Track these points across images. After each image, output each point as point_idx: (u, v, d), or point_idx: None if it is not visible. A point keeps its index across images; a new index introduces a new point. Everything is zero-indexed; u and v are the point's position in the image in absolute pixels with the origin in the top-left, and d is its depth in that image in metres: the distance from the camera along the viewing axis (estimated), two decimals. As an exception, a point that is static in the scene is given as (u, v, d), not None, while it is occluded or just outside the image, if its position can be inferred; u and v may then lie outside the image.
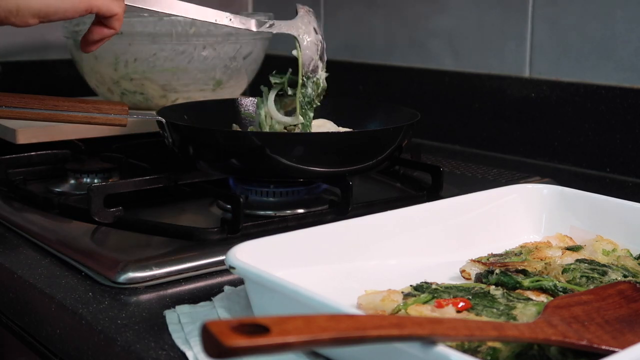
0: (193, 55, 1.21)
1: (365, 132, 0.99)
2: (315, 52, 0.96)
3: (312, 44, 0.96)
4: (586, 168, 1.21)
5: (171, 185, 0.91)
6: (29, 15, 0.77)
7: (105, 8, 0.81)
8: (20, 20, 0.77)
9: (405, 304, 0.61)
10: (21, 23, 0.78)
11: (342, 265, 0.69)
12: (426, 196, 0.97)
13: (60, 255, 0.79)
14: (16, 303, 0.76)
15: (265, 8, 1.72)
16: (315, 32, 0.97)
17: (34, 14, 0.77)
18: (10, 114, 0.86)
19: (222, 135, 0.91)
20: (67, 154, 1.10)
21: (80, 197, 0.92)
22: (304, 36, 0.96)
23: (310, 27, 0.96)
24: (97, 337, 0.63)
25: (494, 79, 1.32)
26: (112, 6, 0.81)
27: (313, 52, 0.95)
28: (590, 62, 1.20)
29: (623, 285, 0.62)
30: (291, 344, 0.41)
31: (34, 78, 1.51)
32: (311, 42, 0.96)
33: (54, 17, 0.79)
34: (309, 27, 0.96)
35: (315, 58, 0.95)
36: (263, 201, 0.93)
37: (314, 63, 0.95)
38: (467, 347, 0.53)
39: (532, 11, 1.26)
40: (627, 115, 1.15)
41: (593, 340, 0.52)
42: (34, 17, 0.78)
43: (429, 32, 1.42)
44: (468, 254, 0.73)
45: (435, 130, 1.42)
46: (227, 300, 0.67)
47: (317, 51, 0.96)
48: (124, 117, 0.90)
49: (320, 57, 0.97)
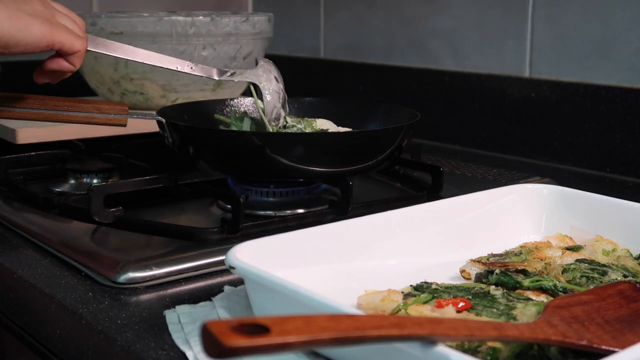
0: (193, 55, 1.21)
1: (365, 132, 0.99)
2: (277, 99, 0.96)
3: (275, 92, 0.96)
4: (586, 168, 1.21)
5: (171, 185, 0.91)
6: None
7: (69, 45, 0.79)
8: None
9: (405, 304, 0.61)
10: None
11: (342, 265, 0.70)
12: (426, 196, 0.97)
13: (60, 255, 0.79)
14: (16, 303, 0.76)
15: (265, 8, 1.72)
16: (277, 80, 0.97)
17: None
18: (10, 114, 0.86)
19: (222, 135, 0.91)
20: (67, 154, 1.10)
21: (80, 197, 0.92)
22: (265, 83, 0.96)
23: (271, 76, 0.97)
24: (97, 337, 0.63)
25: (494, 79, 1.32)
26: (75, 43, 0.79)
27: (275, 99, 0.96)
28: (590, 62, 1.20)
29: (623, 285, 0.62)
30: (291, 344, 0.41)
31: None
32: (273, 90, 0.96)
33: (14, 49, 0.76)
34: (269, 76, 0.97)
35: (277, 106, 0.96)
36: (263, 201, 0.93)
37: (277, 111, 0.96)
38: (467, 347, 0.53)
39: (532, 11, 1.26)
40: (627, 115, 1.15)
41: (593, 340, 0.52)
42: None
43: (429, 32, 1.42)
44: (468, 254, 0.73)
45: (435, 130, 1.42)
46: (227, 300, 0.67)
47: (279, 99, 0.96)
48: (124, 117, 0.90)
49: (283, 105, 0.97)
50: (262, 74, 0.96)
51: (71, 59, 0.80)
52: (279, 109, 0.95)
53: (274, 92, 0.96)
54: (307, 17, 1.65)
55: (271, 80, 0.96)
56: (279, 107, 0.95)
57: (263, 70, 0.97)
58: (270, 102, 0.95)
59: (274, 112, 0.95)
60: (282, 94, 0.97)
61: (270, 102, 0.95)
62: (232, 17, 1.23)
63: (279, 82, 0.97)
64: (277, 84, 0.97)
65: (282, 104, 0.97)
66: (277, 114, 0.95)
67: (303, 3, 1.66)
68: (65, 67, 0.81)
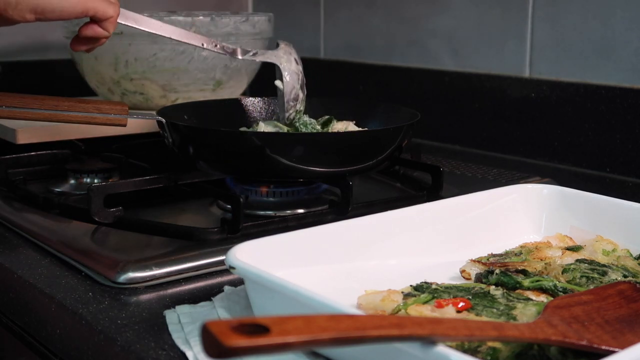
0: (193, 55, 1.21)
1: (365, 132, 0.99)
2: (297, 81, 0.99)
3: (294, 73, 0.99)
4: (586, 168, 1.21)
5: (171, 185, 0.91)
6: (27, 9, 0.78)
7: (102, 11, 0.82)
8: (17, 13, 0.77)
9: (405, 304, 0.61)
10: (18, 17, 0.78)
11: (342, 265, 0.69)
12: (426, 196, 0.97)
13: (60, 255, 0.79)
14: (16, 303, 0.76)
15: (265, 8, 1.72)
16: (296, 62, 1.00)
17: (32, 8, 0.78)
18: (10, 114, 0.86)
19: (222, 135, 0.91)
20: (67, 154, 1.10)
21: (80, 197, 0.92)
22: (285, 64, 0.99)
23: (291, 57, 1.00)
24: (97, 337, 0.63)
25: (494, 79, 1.32)
26: (107, 9, 0.83)
27: (294, 80, 0.99)
28: (590, 62, 1.20)
29: (623, 285, 0.62)
30: (291, 344, 0.41)
31: (34, 78, 1.51)
32: (292, 71, 0.99)
33: (50, 15, 0.79)
34: (290, 57, 1.00)
35: (296, 87, 0.99)
36: (263, 201, 0.93)
37: (295, 92, 0.98)
38: (467, 347, 0.53)
39: (532, 11, 1.26)
40: (627, 115, 1.15)
41: (593, 340, 0.52)
42: (32, 12, 0.78)
43: (429, 32, 1.42)
44: (468, 254, 0.73)
45: (435, 130, 1.42)
46: (227, 300, 0.67)
47: (298, 80, 0.99)
48: (124, 117, 0.90)
49: (301, 86, 1.00)
50: (282, 55, 0.99)
51: (105, 24, 0.84)
52: (297, 90, 0.98)
53: (294, 73, 0.99)
54: (307, 17, 1.65)
55: (291, 62, 0.99)
56: (297, 88, 0.98)
57: (284, 52, 1.00)
58: (289, 82, 0.98)
59: (293, 93, 0.98)
60: (301, 75, 1.00)
61: (289, 83, 0.98)
62: (232, 17, 1.23)
63: (298, 64, 1.00)
64: (297, 66, 1.00)
65: (301, 85, 0.99)
66: (296, 95, 0.98)
67: (303, 3, 1.66)
68: (100, 33, 0.84)
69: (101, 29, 0.84)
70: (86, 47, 0.87)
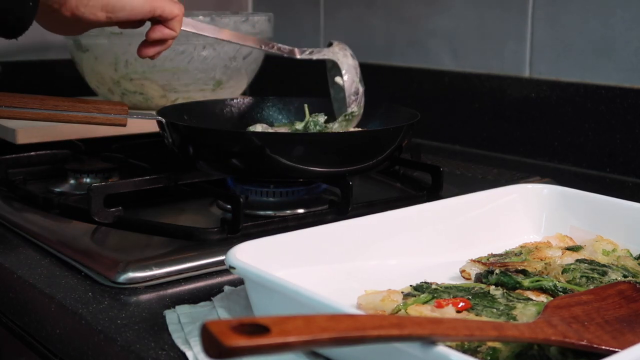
0: (193, 55, 1.21)
1: (365, 132, 0.99)
2: (355, 75, 1.00)
3: (352, 67, 1.01)
4: (586, 168, 1.21)
5: (171, 185, 0.91)
6: (99, 7, 0.79)
7: (169, 10, 0.84)
8: (89, 11, 0.78)
9: (405, 304, 0.61)
10: (90, 14, 0.79)
11: (342, 265, 0.70)
12: (426, 196, 0.97)
13: (60, 255, 0.79)
14: (16, 303, 0.76)
15: (265, 8, 1.72)
16: (352, 57, 1.02)
17: (103, 5, 0.79)
18: (10, 114, 0.86)
19: (222, 135, 0.91)
20: (67, 154, 1.10)
21: (80, 197, 0.92)
22: (343, 60, 1.00)
23: (347, 53, 1.02)
24: (97, 337, 0.63)
25: (494, 79, 1.32)
26: (173, 8, 0.84)
27: (353, 75, 1.00)
28: (590, 62, 1.20)
29: (623, 285, 0.62)
30: (291, 344, 0.41)
31: (34, 78, 1.51)
32: (350, 65, 1.01)
33: (120, 14, 0.80)
34: (346, 52, 1.01)
35: (356, 80, 1.00)
36: (263, 201, 0.93)
37: (355, 85, 1.00)
38: (467, 347, 0.53)
39: (532, 11, 1.26)
40: (627, 115, 1.15)
41: (593, 340, 0.52)
42: (103, 10, 0.79)
43: (429, 32, 1.42)
44: (468, 254, 0.73)
45: (435, 130, 1.42)
46: (227, 300, 0.67)
47: (356, 74, 1.00)
48: (124, 117, 0.90)
49: (360, 80, 1.01)
50: (338, 52, 1.01)
51: (171, 24, 0.85)
52: (357, 84, 0.99)
53: (351, 67, 1.00)
54: (307, 17, 1.65)
55: (348, 57, 1.01)
56: (357, 81, 1.00)
57: (339, 48, 1.02)
58: (348, 77, 1.00)
59: (353, 87, 0.99)
60: (358, 69, 1.01)
61: (349, 77, 1.00)
62: (232, 17, 1.23)
63: (354, 59, 1.02)
64: (354, 61, 1.02)
65: (360, 79, 1.01)
66: (356, 88, 0.99)
67: (303, 3, 1.66)
68: (167, 34, 0.85)
69: (168, 29, 0.85)
70: (154, 50, 0.87)
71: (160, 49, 0.88)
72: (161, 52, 0.88)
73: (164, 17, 0.84)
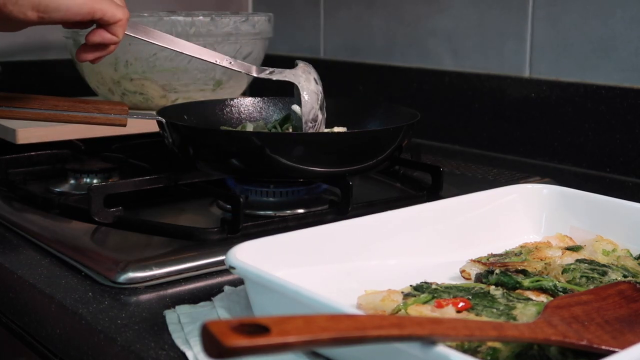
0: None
1: (365, 132, 0.99)
2: (316, 101, 0.96)
3: (313, 93, 0.96)
4: (586, 168, 1.21)
5: (171, 185, 0.91)
6: (29, 6, 0.73)
7: (110, 13, 0.77)
8: (17, 9, 0.73)
9: (405, 304, 0.61)
10: (18, 13, 0.73)
11: (342, 265, 0.69)
12: (426, 196, 0.97)
13: (60, 255, 0.79)
14: (16, 303, 0.76)
15: (265, 8, 1.72)
16: (316, 82, 0.97)
17: (34, 5, 0.73)
18: (10, 114, 0.86)
19: (222, 135, 0.91)
20: (67, 154, 1.10)
21: (80, 197, 0.92)
22: (304, 83, 0.96)
23: (310, 77, 0.97)
24: (97, 337, 0.63)
25: (494, 79, 1.32)
26: (116, 12, 0.78)
27: (314, 100, 0.95)
28: (590, 62, 1.20)
29: (623, 285, 0.62)
30: (291, 344, 0.41)
31: (34, 78, 1.51)
32: (312, 91, 0.96)
33: (54, 15, 0.74)
34: (309, 77, 0.97)
35: (315, 107, 0.95)
36: (263, 201, 0.93)
37: (314, 112, 0.95)
38: (467, 347, 0.53)
39: (532, 11, 1.26)
40: (627, 115, 1.15)
41: (593, 340, 0.52)
42: (34, 9, 0.73)
43: (429, 32, 1.42)
44: (468, 254, 0.73)
45: (435, 130, 1.42)
46: (227, 300, 0.67)
47: (317, 100, 0.96)
48: (124, 117, 0.90)
49: (320, 107, 0.97)
50: (301, 74, 0.96)
51: (113, 29, 0.79)
52: (316, 110, 0.95)
53: (313, 93, 0.96)
54: (307, 17, 1.65)
55: (310, 81, 0.96)
56: (316, 108, 0.95)
57: (302, 71, 0.97)
58: (308, 102, 0.95)
59: (312, 113, 0.95)
60: (320, 96, 0.96)
61: (308, 103, 0.95)
62: (232, 17, 1.23)
63: (318, 84, 0.97)
64: (317, 86, 0.97)
65: (320, 106, 0.96)
66: (315, 115, 0.95)
67: (303, 3, 1.66)
68: (108, 39, 0.79)
69: (109, 34, 0.79)
70: (93, 55, 0.81)
71: (101, 55, 0.81)
72: (102, 58, 0.82)
73: (105, 20, 0.77)
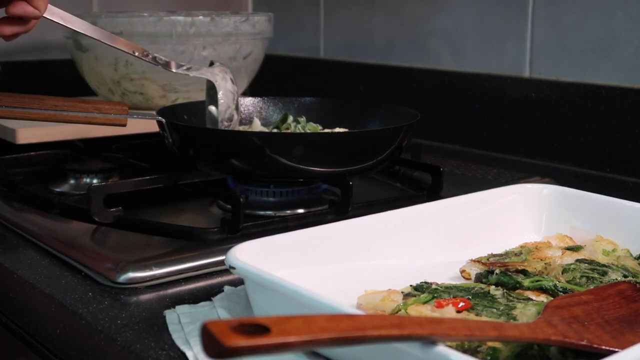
0: (193, 55, 1.21)
1: (365, 132, 0.99)
2: (232, 100, 0.95)
3: (229, 92, 0.95)
4: (586, 168, 1.21)
5: (171, 185, 0.91)
6: None
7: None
8: None
9: (405, 304, 0.61)
10: None
11: (342, 265, 0.69)
12: (426, 196, 0.97)
13: (60, 255, 0.79)
14: (16, 303, 0.76)
15: (265, 8, 1.72)
16: (232, 82, 0.96)
17: None
18: (10, 114, 0.86)
19: (222, 135, 0.91)
20: (67, 154, 1.10)
21: (80, 197, 0.92)
22: (220, 82, 0.95)
23: (227, 76, 0.96)
24: (97, 337, 0.63)
25: (494, 79, 1.32)
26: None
27: (230, 100, 0.95)
28: (590, 62, 1.20)
29: (623, 285, 0.62)
30: (291, 344, 0.41)
31: (34, 78, 1.51)
32: (228, 90, 0.96)
33: None
34: (225, 76, 0.96)
35: (231, 107, 0.95)
36: (263, 201, 0.93)
37: (230, 112, 0.95)
38: (467, 347, 0.53)
39: (532, 11, 1.26)
40: (627, 115, 1.15)
41: (593, 340, 0.52)
42: None
43: (429, 32, 1.42)
44: (468, 254, 0.73)
45: (435, 130, 1.42)
46: (227, 300, 0.67)
47: (233, 100, 0.96)
48: (124, 117, 0.90)
49: (236, 107, 0.96)
50: (218, 73, 0.96)
51: (35, 2, 0.77)
52: (232, 110, 0.95)
53: (229, 92, 0.95)
54: (307, 17, 1.65)
55: (227, 80, 0.95)
56: (232, 107, 0.95)
57: (219, 70, 0.96)
58: (224, 101, 0.95)
59: (227, 112, 0.95)
60: (236, 96, 0.96)
61: (224, 102, 0.95)
62: (232, 17, 1.23)
63: (234, 85, 0.97)
64: (233, 86, 0.96)
65: (236, 106, 0.96)
66: (230, 115, 0.95)
67: (303, 3, 1.66)
68: (30, 12, 0.77)
69: (31, 7, 0.76)
70: (11, 30, 0.78)
71: (20, 30, 0.79)
72: (20, 34, 0.79)
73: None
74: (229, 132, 0.96)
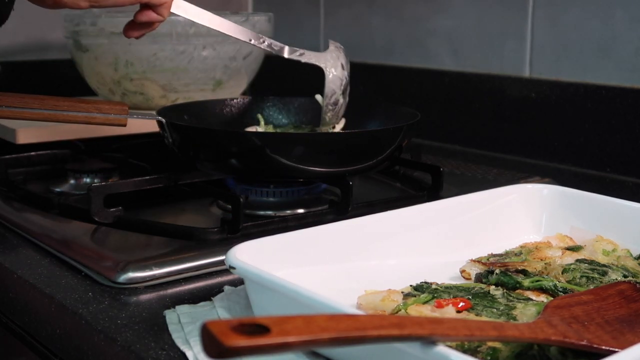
0: (193, 55, 1.21)
1: (365, 132, 0.99)
2: (339, 86, 0.99)
3: (337, 78, 0.99)
4: (586, 168, 1.21)
5: (171, 185, 0.91)
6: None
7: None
8: (72, 2, 0.78)
9: (405, 304, 0.61)
10: (72, 4, 0.78)
11: (342, 265, 0.69)
12: (426, 196, 0.97)
13: (60, 255, 0.79)
14: (16, 303, 0.76)
15: (265, 8, 1.72)
16: (342, 67, 1.00)
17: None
18: (10, 114, 0.86)
19: (222, 135, 0.91)
20: (67, 154, 1.10)
21: (80, 197, 0.92)
22: (330, 69, 0.99)
23: (337, 62, 1.00)
24: (97, 337, 0.63)
25: (494, 79, 1.32)
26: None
27: (337, 86, 0.99)
28: (590, 62, 1.20)
29: (623, 285, 0.62)
30: (291, 344, 0.41)
31: (34, 78, 1.51)
32: (336, 76, 0.99)
33: (104, 2, 0.79)
34: (336, 62, 1.00)
35: (337, 92, 0.99)
36: (263, 201, 0.93)
37: (336, 96, 0.99)
38: (467, 347, 0.53)
39: (532, 11, 1.26)
40: (627, 115, 1.15)
41: (593, 340, 0.52)
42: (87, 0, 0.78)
43: (429, 32, 1.42)
44: (468, 254, 0.73)
45: (435, 130, 1.42)
46: (227, 300, 0.67)
47: (340, 86, 0.99)
48: (124, 117, 0.90)
49: (343, 92, 1.00)
50: (329, 59, 1.00)
51: (159, 9, 0.84)
52: (338, 95, 0.99)
53: (337, 78, 0.99)
54: (307, 17, 1.65)
55: (337, 67, 0.99)
56: (338, 93, 0.99)
57: (331, 55, 1.00)
58: (330, 87, 0.99)
59: (333, 97, 0.98)
60: (345, 81, 1.00)
61: (330, 88, 0.99)
62: (232, 17, 1.23)
63: (344, 70, 1.00)
64: (342, 72, 1.00)
65: (343, 91, 1.00)
66: (336, 100, 0.98)
67: (303, 3, 1.66)
68: (154, 18, 0.85)
69: (156, 14, 0.84)
70: (139, 32, 0.87)
71: (146, 31, 0.87)
72: (144, 34, 0.88)
73: (153, 3, 0.83)
74: (229, 132, 0.96)
